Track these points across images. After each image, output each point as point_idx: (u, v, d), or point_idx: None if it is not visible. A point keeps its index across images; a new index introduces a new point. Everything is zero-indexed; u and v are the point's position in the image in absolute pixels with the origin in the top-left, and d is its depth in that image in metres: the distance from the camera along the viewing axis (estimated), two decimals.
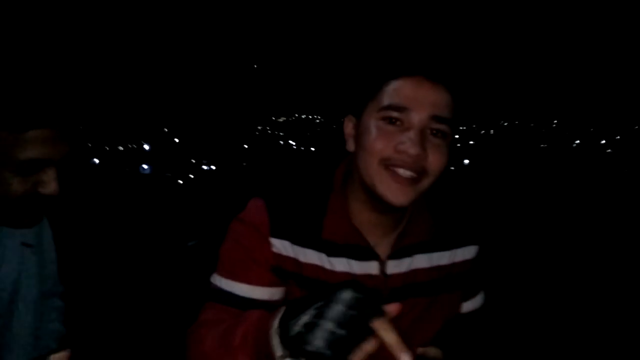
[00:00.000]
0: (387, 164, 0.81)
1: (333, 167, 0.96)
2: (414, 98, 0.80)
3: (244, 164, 10.93)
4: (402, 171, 0.81)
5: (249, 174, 9.65)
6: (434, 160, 0.81)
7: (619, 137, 15.69)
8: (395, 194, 0.81)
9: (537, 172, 9.89)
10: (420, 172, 0.81)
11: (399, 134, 0.80)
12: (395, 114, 0.81)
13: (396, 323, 0.92)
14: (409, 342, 0.94)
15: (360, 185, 0.87)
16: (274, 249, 0.88)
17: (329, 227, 0.89)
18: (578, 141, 15.11)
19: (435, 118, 0.80)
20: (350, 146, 0.90)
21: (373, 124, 0.83)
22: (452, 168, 9.88)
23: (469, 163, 10.91)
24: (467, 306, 1.02)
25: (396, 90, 0.81)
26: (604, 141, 14.70)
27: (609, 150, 12.97)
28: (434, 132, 0.81)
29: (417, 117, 0.80)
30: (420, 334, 0.93)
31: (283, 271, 0.89)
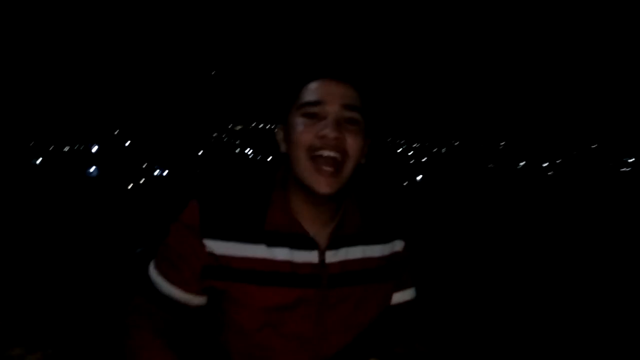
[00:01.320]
0: (313, 152, 0.95)
1: (274, 169, 1.07)
2: (326, 93, 0.98)
3: (198, 170, 10.73)
4: (326, 153, 0.94)
5: (201, 180, 9.49)
6: (352, 143, 0.96)
7: (559, 160, 16.68)
8: (320, 185, 0.94)
9: (484, 189, 10.34)
10: (342, 153, 0.95)
11: (319, 124, 0.96)
12: (313, 109, 0.97)
13: (337, 310, 0.99)
14: (348, 328, 1.01)
15: (295, 180, 0.99)
16: (207, 249, 0.95)
17: (272, 218, 0.99)
18: (523, 162, 15.92)
19: (346, 107, 0.97)
20: (283, 148, 1.03)
21: (296, 121, 0.98)
22: (405, 183, 10.13)
23: (421, 179, 11.24)
24: (398, 297, 1.12)
25: (311, 90, 0.99)
26: (546, 164, 15.58)
27: (550, 173, 13.76)
28: (348, 120, 0.97)
29: (331, 108, 0.97)
30: (358, 320, 1.03)
31: (215, 268, 0.96)
